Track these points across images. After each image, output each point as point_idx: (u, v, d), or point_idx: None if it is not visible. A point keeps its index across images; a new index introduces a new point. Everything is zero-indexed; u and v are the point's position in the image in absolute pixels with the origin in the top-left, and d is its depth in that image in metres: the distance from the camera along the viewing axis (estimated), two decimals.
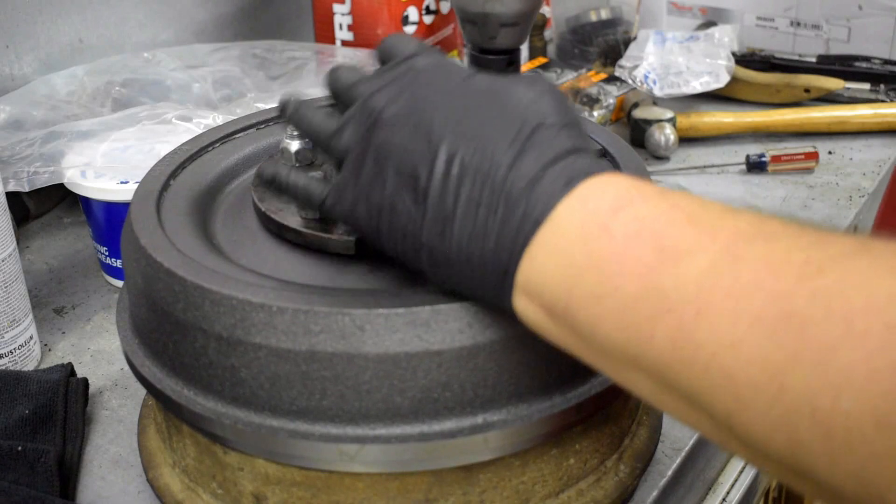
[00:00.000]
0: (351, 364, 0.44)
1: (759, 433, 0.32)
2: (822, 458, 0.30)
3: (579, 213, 0.38)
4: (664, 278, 0.35)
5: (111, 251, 0.79)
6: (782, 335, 0.31)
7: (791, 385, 0.30)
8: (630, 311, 0.35)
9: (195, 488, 0.53)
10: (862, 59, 1.18)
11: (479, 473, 0.49)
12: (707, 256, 0.34)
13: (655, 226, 0.36)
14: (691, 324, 0.33)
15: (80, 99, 0.94)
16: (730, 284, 0.33)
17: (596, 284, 0.37)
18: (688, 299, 0.34)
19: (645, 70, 1.06)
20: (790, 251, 0.33)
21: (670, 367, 0.34)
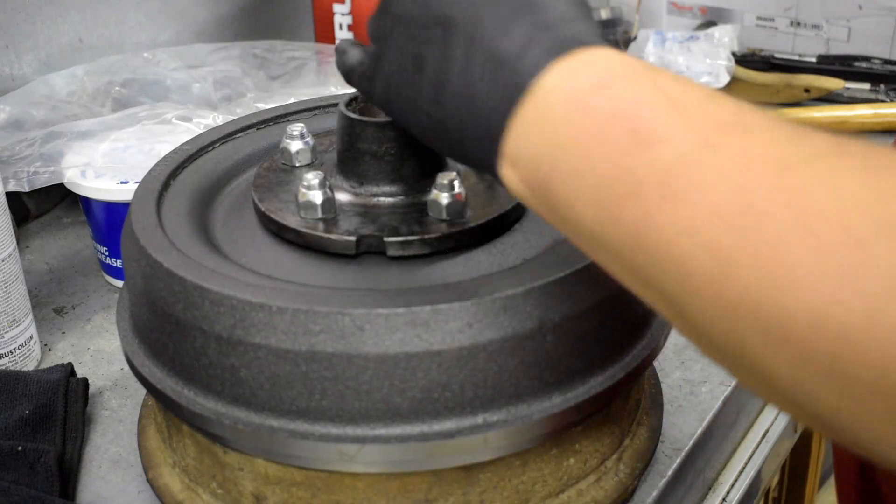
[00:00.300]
0: (351, 364, 0.44)
1: (705, 321, 0.32)
2: (759, 353, 0.30)
3: (565, 87, 0.38)
4: (636, 162, 0.34)
5: (111, 251, 0.79)
6: (737, 227, 0.31)
7: (738, 277, 0.30)
8: (602, 192, 0.36)
9: (195, 488, 0.53)
10: (862, 59, 1.18)
11: (479, 473, 0.49)
12: (680, 144, 0.34)
13: (635, 108, 0.36)
14: (654, 209, 0.33)
15: (80, 99, 0.94)
16: (697, 174, 0.33)
17: (575, 162, 0.37)
18: (654, 185, 0.34)
19: None
20: (765, 145, 0.32)
21: (633, 251, 0.35)
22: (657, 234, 0.33)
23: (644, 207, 0.34)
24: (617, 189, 0.35)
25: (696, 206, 0.32)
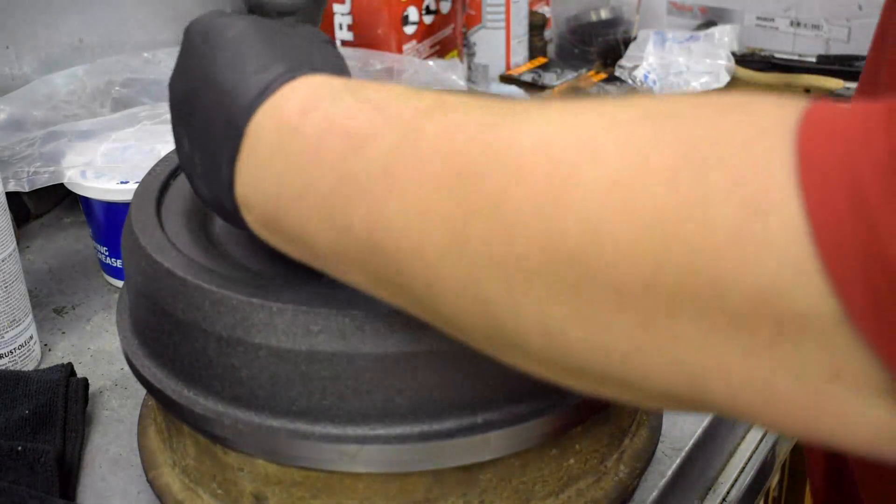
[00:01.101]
0: (351, 364, 0.44)
1: (451, 299, 0.32)
2: (507, 307, 0.30)
3: (273, 120, 0.39)
4: (353, 164, 0.35)
5: (111, 251, 0.79)
6: (459, 192, 0.31)
7: (471, 237, 0.31)
8: (328, 205, 0.36)
9: (195, 488, 0.53)
10: (862, 59, 1.18)
11: (479, 473, 0.49)
12: (391, 136, 0.34)
13: (344, 119, 0.36)
14: (381, 202, 0.33)
15: (80, 99, 0.94)
16: (412, 156, 0.33)
17: (297, 185, 0.37)
18: (375, 180, 0.34)
19: (645, 70, 1.06)
20: (467, 115, 0.33)
21: (371, 255, 0.35)
22: (390, 227, 0.33)
23: (371, 205, 0.34)
24: (341, 197, 0.35)
25: (418, 185, 0.32)
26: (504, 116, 0.32)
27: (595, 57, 1.23)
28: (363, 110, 0.36)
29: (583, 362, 0.30)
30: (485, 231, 0.30)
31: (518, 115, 0.32)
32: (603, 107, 0.30)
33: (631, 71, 1.07)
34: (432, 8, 1.17)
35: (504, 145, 0.31)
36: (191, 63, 0.44)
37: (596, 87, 1.10)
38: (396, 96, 0.37)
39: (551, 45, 1.32)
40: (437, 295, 0.33)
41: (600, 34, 1.25)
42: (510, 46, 1.21)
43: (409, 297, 0.35)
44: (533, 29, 1.26)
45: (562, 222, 0.28)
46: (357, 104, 0.37)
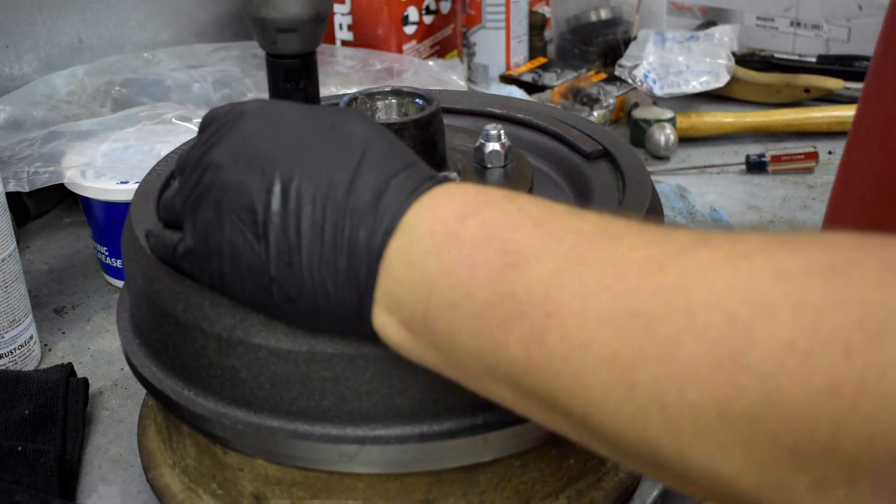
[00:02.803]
0: (351, 365, 0.44)
1: (613, 431, 0.32)
2: (673, 451, 0.31)
3: (428, 220, 0.38)
4: (513, 283, 0.35)
5: (111, 251, 0.79)
6: (628, 333, 0.31)
7: (639, 382, 0.31)
8: (483, 318, 0.35)
9: (195, 488, 0.53)
10: (862, 59, 1.18)
11: (479, 474, 0.49)
12: (553, 259, 0.34)
13: (503, 231, 0.36)
14: (541, 327, 0.33)
15: (80, 99, 0.94)
16: (576, 285, 0.33)
17: (450, 293, 0.36)
18: (537, 303, 0.34)
19: (645, 70, 1.06)
20: (632, 249, 0.33)
21: (525, 373, 0.34)
22: (548, 353, 0.33)
23: (530, 327, 0.34)
24: (498, 313, 0.35)
25: (582, 317, 0.32)
26: (671, 255, 0.32)
27: (595, 57, 1.23)
28: (523, 225, 0.36)
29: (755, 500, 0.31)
30: (655, 377, 0.30)
31: (683, 255, 0.32)
32: (764, 254, 0.31)
33: (631, 71, 1.07)
34: (432, 8, 1.17)
35: (676, 293, 0.31)
36: (285, 140, 0.42)
37: (596, 87, 1.10)
38: (556, 213, 0.37)
39: (551, 45, 1.32)
40: (597, 425, 0.33)
41: (600, 34, 1.25)
42: (510, 46, 1.21)
43: (565, 417, 0.35)
44: (533, 29, 1.26)
45: (738, 378, 0.28)
46: (517, 216, 0.36)
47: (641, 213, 0.52)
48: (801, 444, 0.28)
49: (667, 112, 1.05)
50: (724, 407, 0.29)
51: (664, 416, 0.30)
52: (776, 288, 0.29)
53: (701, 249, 0.32)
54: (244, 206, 0.41)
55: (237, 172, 0.42)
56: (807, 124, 1.08)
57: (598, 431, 0.33)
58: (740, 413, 0.28)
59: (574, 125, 0.64)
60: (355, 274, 0.39)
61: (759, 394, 0.28)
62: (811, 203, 0.94)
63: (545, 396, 0.34)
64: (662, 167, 1.02)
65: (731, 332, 0.29)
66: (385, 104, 0.59)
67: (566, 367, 0.33)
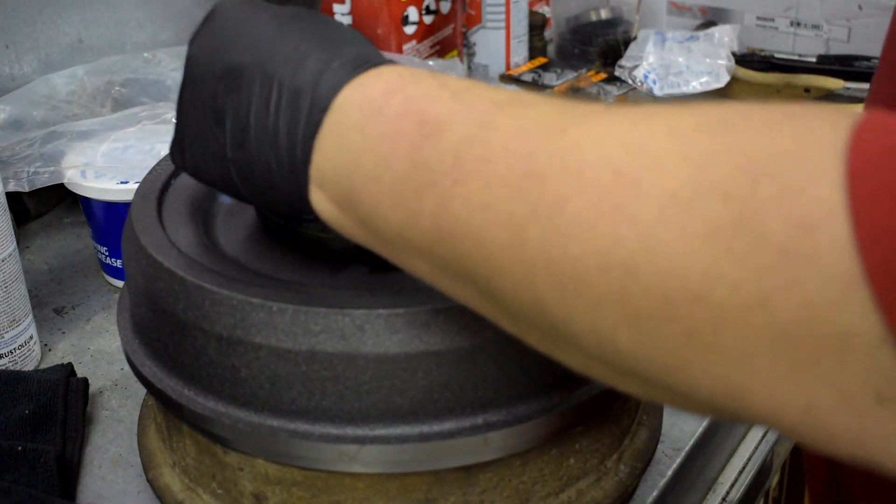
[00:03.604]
0: (351, 364, 0.44)
1: (510, 294, 0.33)
2: (559, 311, 0.31)
3: (358, 98, 0.39)
4: (426, 152, 0.35)
5: (111, 251, 0.79)
6: (523, 193, 0.31)
7: (530, 239, 0.31)
8: (400, 190, 0.36)
9: (195, 488, 0.53)
10: (862, 59, 1.18)
11: (479, 473, 0.49)
12: (463, 127, 0.35)
13: (421, 103, 0.37)
14: (449, 193, 0.34)
15: (80, 99, 0.94)
16: (482, 151, 0.33)
17: (372, 167, 0.37)
18: (446, 171, 0.34)
19: (645, 70, 1.06)
20: (541, 116, 0.33)
21: (436, 242, 0.35)
22: (455, 219, 0.34)
23: (439, 195, 0.34)
24: (413, 183, 0.35)
25: (486, 180, 0.33)
26: (574, 120, 0.32)
27: (595, 57, 1.23)
28: (441, 97, 0.37)
29: (632, 366, 0.31)
30: (543, 233, 0.31)
31: (587, 119, 0.32)
32: (663, 116, 0.31)
33: (631, 71, 1.07)
34: (432, 8, 1.17)
35: (570, 152, 0.31)
36: (245, 33, 0.43)
37: (596, 87, 1.10)
38: (475, 87, 0.37)
39: (551, 45, 1.32)
40: (497, 290, 0.33)
41: (600, 34, 1.25)
42: (510, 46, 1.21)
43: (470, 289, 0.35)
44: (533, 29, 1.26)
45: (618, 229, 0.29)
46: (436, 90, 0.37)
47: None
48: (674, 293, 0.27)
49: None
50: (603, 259, 0.29)
51: (550, 272, 0.31)
52: (667, 143, 0.29)
53: (605, 115, 0.32)
54: (206, 93, 0.43)
55: (202, 64, 0.44)
56: None
57: (498, 297, 0.34)
58: (618, 264, 0.28)
59: None
60: (293, 152, 0.40)
61: (637, 243, 0.28)
62: None
63: (453, 264, 0.35)
64: None
65: (616, 185, 0.29)
66: None
67: (470, 232, 0.33)
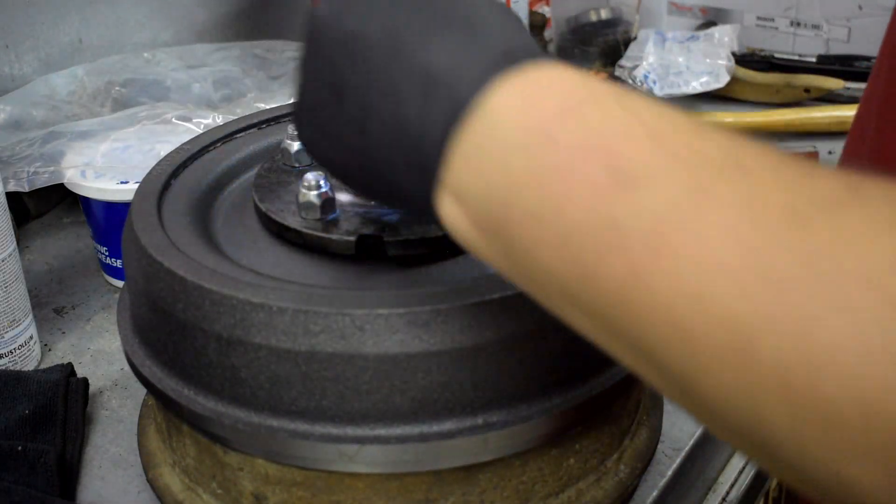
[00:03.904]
0: (351, 364, 0.44)
1: (717, 400, 0.28)
2: (791, 443, 0.26)
3: (519, 109, 0.32)
4: (616, 208, 0.29)
5: (111, 251, 0.79)
6: (757, 295, 0.26)
7: (761, 354, 0.26)
8: (574, 242, 0.30)
9: (195, 488, 0.53)
10: (862, 59, 1.18)
11: (479, 473, 0.49)
12: (669, 187, 0.29)
13: (610, 140, 0.30)
14: (645, 265, 0.28)
15: (80, 99, 0.94)
16: (695, 225, 0.28)
17: (536, 203, 0.31)
18: (643, 237, 0.29)
19: (645, 70, 1.06)
20: (769, 190, 0.28)
21: (616, 312, 0.30)
22: (650, 297, 0.28)
23: (630, 263, 0.29)
24: (592, 239, 0.30)
25: (698, 264, 0.27)
26: (818, 207, 0.27)
27: (595, 57, 1.23)
28: (635, 136, 0.30)
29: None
30: (783, 354, 0.26)
31: (836, 208, 0.27)
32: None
33: (631, 71, 1.07)
34: None
35: (822, 256, 0.26)
36: (367, 4, 0.37)
37: None
38: (678, 127, 0.31)
39: (551, 45, 1.32)
40: (698, 386, 0.28)
41: (600, 34, 1.25)
42: None
43: (652, 370, 0.30)
44: (533, 29, 1.26)
45: (890, 375, 0.24)
46: (628, 121, 0.31)
47: None
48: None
49: None
50: (869, 408, 0.24)
51: (787, 402, 0.26)
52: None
53: (853, 208, 0.26)
54: (325, 61, 0.38)
55: (322, 26, 0.38)
56: (807, 124, 1.08)
57: (696, 394, 0.29)
58: (889, 417, 0.24)
59: None
60: (422, 151, 0.34)
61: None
62: None
63: (636, 342, 0.30)
64: None
65: (890, 318, 0.24)
66: None
67: (670, 317, 0.28)
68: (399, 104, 0.35)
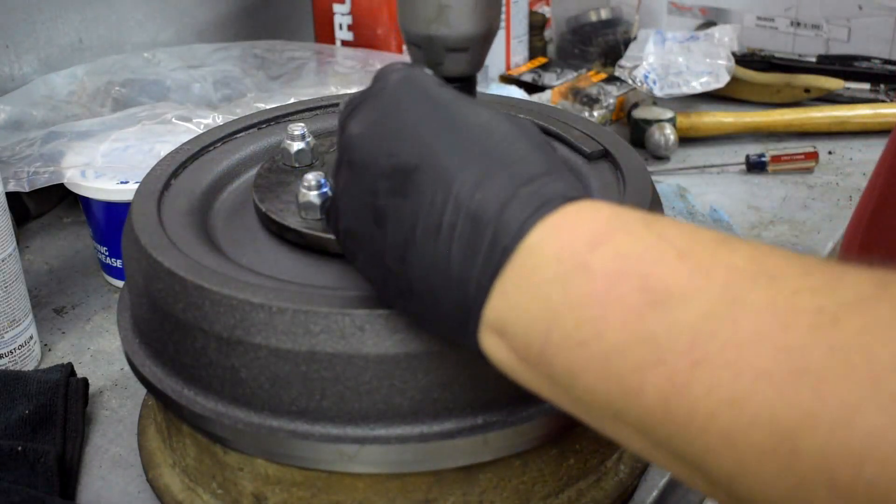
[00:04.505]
0: (351, 364, 0.44)
1: (764, 497, 0.29)
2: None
3: (554, 244, 0.34)
4: (653, 325, 0.31)
5: (111, 251, 0.79)
6: (794, 393, 0.27)
7: (805, 450, 0.27)
8: (615, 361, 0.32)
9: (195, 488, 0.53)
10: (862, 59, 1.18)
11: (479, 473, 0.49)
12: (702, 300, 0.30)
13: (641, 264, 0.32)
14: (686, 377, 0.30)
15: (80, 99, 0.94)
16: (730, 334, 0.29)
17: (575, 329, 0.33)
18: (681, 349, 0.30)
19: (645, 70, 1.06)
20: (797, 295, 0.29)
21: (662, 425, 0.31)
22: (692, 406, 0.30)
23: (671, 376, 0.30)
24: (633, 357, 0.31)
25: (737, 371, 0.29)
26: (847, 306, 0.28)
27: (595, 57, 1.23)
28: (665, 258, 0.32)
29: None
30: (824, 447, 0.27)
31: (865, 306, 0.28)
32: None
33: (631, 71, 1.07)
34: None
35: (855, 350, 0.27)
36: (417, 126, 0.38)
37: (596, 87, 1.10)
38: (704, 244, 0.32)
39: (551, 45, 1.32)
40: (745, 491, 0.29)
41: (600, 34, 1.25)
42: (510, 46, 1.21)
43: (705, 475, 0.31)
44: (533, 29, 1.26)
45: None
46: (657, 245, 0.33)
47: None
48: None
49: (667, 112, 1.05)
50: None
51: (833, 490, 0.26)
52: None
53: (882, 303, 0.28)
54: (368, 188, 0.39)
55: (367, 152, 0.39)
56: (807, 124, 1.08)
57: (743, 495, 0.30)
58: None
59: (575, 125, 0.64)
60: (465, 287, 0.36)
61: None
62: (811, 203, 0.94)
63: (683, 451, 0.31)
64: (662, 167, 1.02)
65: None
66: None
67: (713, 425, 0.29)
68: (442, 243, 0.37)
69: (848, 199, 0.95)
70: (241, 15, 1.20)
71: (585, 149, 0.60)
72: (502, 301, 0.36)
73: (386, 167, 0.38)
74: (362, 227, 0.40)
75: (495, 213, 0.36)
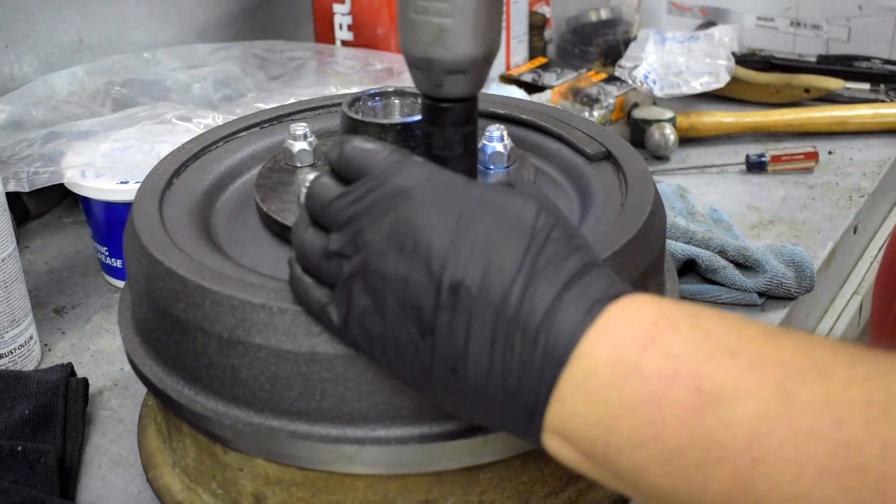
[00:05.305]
0: (351, 365, 0.44)
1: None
2: None
3: (606, 349, 0.36)
4: (710, 424, 0.32)
5: (111, 251, 0.79)
6: (856, 491, 0.29)
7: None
8: (677, 459, 0.33)
9: (195, 488, 0.53)
10: (862, 59, 1.18)
11: (480, 473, 0.49)
12: (756, 398, 0.32)
13: (692, 364, 0.34)
14: (748, 473, 0.31)
15: (80, 99, 0.94)
16: (787, 430, 0.31)
17: (635, 432, 0.34)
18: (741, 447, 0.32)
19: (645, 70, 1.06)
20: (848, 387, 0.31)
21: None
22: (758, 500, 0.31)
23: (734, 472, 0.32)
24: (694, 456, 0.33)
25: (798, 466, 0.30)
26: (893, 397, 0.30)
27: (595, 57, 1.23)
28: (715, 356, 0.33)
29: None
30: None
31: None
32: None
33: (631, 71, 1.07)
34: None
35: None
36: (455, 238, 0.38)
37: (596, 87, 1.10)
38: (751, 340, 0.34)
39: (551, 45, 1.32)
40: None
41: (600, 34, 1.25)
42: (510, 46, 1.21)
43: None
44: (533, 29, 1.26)
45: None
46: (706, 344, 0.34)
47: (643, 216, 0.52)
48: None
49: (667, 112, 1.05)
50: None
51: None
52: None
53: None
54: (409, 303, 0.39)
55: (401, 265, 0.39)
56: (807, 124, 1.08)
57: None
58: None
59: (576, 126, 0.64)
60: (524, 398, 0.37)
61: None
62: (811, 203, 0.94)
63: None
64: (662, 167, 1.02)
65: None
66: (387, 104, 0.59)
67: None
68: (497, 357, 0.37)
69: (848, 199, 0.95)
70: (241, 15, 1.20)
71: (587, 150, 0.60)
72: (560, 408, 0.37)
73: (428, 280, 0.38)
74: (402, 338, 0.39)
75: (543, 324, 0.37)
